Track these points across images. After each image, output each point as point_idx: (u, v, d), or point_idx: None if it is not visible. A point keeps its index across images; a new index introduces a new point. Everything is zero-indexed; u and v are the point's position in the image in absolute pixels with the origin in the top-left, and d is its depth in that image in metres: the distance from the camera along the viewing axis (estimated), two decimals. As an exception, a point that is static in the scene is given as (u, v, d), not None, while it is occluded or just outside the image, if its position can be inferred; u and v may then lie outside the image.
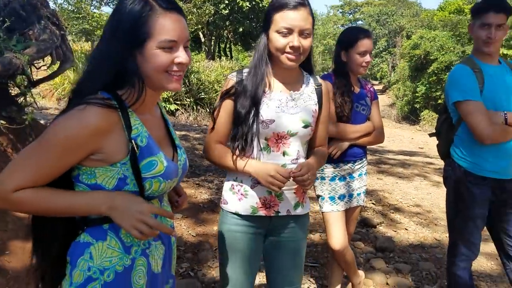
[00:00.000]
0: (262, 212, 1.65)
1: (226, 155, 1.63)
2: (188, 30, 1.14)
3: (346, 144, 2.39)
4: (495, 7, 2.14)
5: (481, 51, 2.21)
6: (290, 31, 1.53)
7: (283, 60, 1.58)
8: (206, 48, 20.61)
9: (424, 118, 22.81)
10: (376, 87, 44.44)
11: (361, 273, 2.71)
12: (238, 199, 1.66)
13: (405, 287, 2.99)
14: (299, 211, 1.71)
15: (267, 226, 1.69)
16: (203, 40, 20.66)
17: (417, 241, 3.95)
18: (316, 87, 1.73)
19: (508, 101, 2.21)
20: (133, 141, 1.07)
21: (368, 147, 2.60)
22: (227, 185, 1.72)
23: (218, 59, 19.73)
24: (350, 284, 2.72)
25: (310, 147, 1.76)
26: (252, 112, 1.59)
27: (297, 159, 1.65)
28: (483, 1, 2.21)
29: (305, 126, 1.65)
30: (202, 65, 16.95)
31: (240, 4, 17.70)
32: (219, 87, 16.30)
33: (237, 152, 1.60)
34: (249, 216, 1.66)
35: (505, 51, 14.35)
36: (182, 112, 13.65)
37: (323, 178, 2.46)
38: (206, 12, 15.15)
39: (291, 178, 1.55)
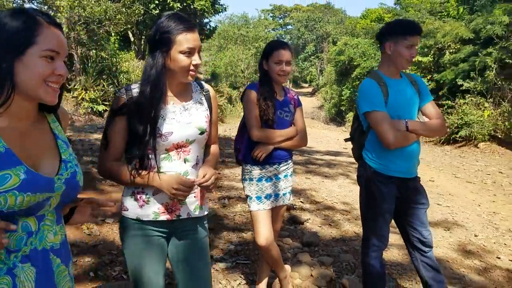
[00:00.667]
0: (164, 217, 1.73)
1: (125, 172, 1.66)
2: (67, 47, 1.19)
3: (270, 147, 2.57)
4: (419, 30, 2.44)
5: (398, 68, 2.49)
6: (192, 51, 1.66)
7: (186, 77, 1.70)
8: (136, 47, 20.10)
9: (349, 120, 23.90)
10: (305, 90, 46.18)
11: (287, 267, 2.92)
12: (139, 206, 1.71)
13: (327, 278, 3.26)
14: (198, 213, 1.82)
15: (169, 229, 1.77)
16: (132, 39, 20.13)
17: (339, 235, 4.29)
18: (204, 93, 1.86)
19: (409, 110, 2.54)
20: None
21: (295, 149, 2.82)
22: (127, 191, 1.75)
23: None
24: (277, 278, 2.92)
25: (205, 146, 1.89)
26: (149, 127, 1.64)
27: (196, 164, 1.77)
28: (409, 23, 2.47)
29: (201, 133, 1.76)
30: (132, 65, 16.53)
31: (171, 4, 17.52)
32: (150, 88, 15.97)
33: (136, 166, 1.65)
34: (150, 221, 1.72)
35: (420, 58, 15.65)
36: (111, 113, 13.23)
37: (251, 179, 2.64)
38: (136, 12, 14.79)
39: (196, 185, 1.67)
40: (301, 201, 5.33)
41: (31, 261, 1.12)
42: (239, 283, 3.12)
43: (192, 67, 1.68)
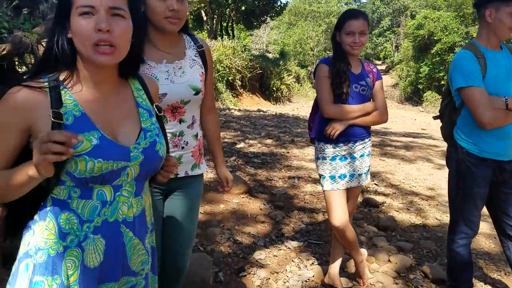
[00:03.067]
0: None
1: None
2: None
3: (344, 124, 2.43)
4: None
5: (498, 37, 2.24)
6: None
7: (165, 25, 1.59)
8: (208, 27, 20.41)
9: (427, 99, 22.72)
10: (379, 67, 43.99)
11: (363, 251, 2.80)
12: None
13: (406, 264, 3.09)
14: (196, 171, 1.81)
15: (166, 187, 1.74)
16: (205, 19, 20.44)
17: (418, 221, 4.05)
18: (198, 49, 1.76)
19: (509, 86, 2.26)
20: (51, 117, 1.02)
21: (372, 128, 2.66)
22: None
23: (220, 38, 19.55)
24: (352, 261, 2.81)
25: (204, 112, 1.87)
26: None
27: (192, 123, 1.75)
28: None
29: (196, 93, 1.70)
30: (204, 45, 16.79)
31: (243, -18, 17.47)
32: (221, 66, 16.22)
33: None
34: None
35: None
36: (184, 92, 13.60)
37: (324, 158, 2.52)
38: (209, -10, 14.96)
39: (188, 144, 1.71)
40: (375, 184, 5.10)
41: (101, 232, 1.10)
42: (312, 263, 3.06)
43: (168, 13, 1.57)
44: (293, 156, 6.12)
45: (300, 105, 18.15)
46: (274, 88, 19.21)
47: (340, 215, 2.49)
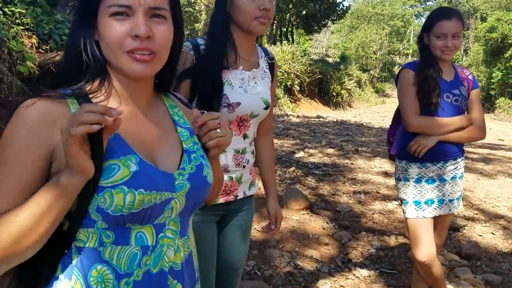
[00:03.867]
0: (222, 199, 1.55)
1: None
2: None
3: (433, 140, 2.07)
4: None
5: None
6: None
7: (255, 26, 1.42)
8: (268, 33, 20.32)
9: (499, 106, 21.29)
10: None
11: (450, 288, 2.39)
12: None
13: (498, 304, 2.62)
14: (252, 191, 1.66)
15: (224, 212, 1.60)
16: (264, 24, 20.37)
17: (506, 248, 3.50)
18: (269, 61, 1.62)
19: None
20: None
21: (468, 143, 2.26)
22: None
23: (279, 43, 19.36)
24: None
25: (260, 126, 1.66)
26: (216, 93, 1.42)
27: (253, 140, 1.60)
28: None
29: (266, 107, 1.56)
30: (263, 50, 16.72)
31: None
32: (280, 72, 16.01)
33: None
34: (208, 206, 1.49)
35: None
36: (242, 97, 13.55)
37: (406, 180, 2.17)
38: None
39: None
40: (453, 202, 4.56)
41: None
42: (384, 296, 2.68)
43: (259, 12, 1.40)
44: (358, 168, 5.69)
45: (362, 111, 17.47)
46: (334, 93, 18.72)
47: (426, 249, 2.12)
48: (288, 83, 16.58)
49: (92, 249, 0.82)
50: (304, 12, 18.65)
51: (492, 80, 22.58)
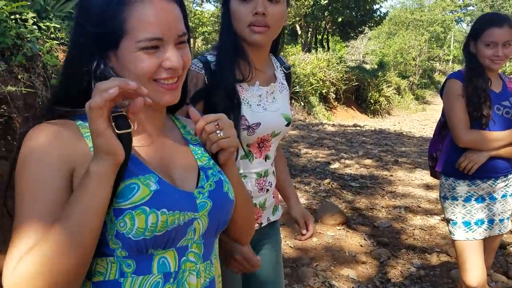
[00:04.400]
0: None
1: None
2: (181, 20, 0.81)
3: (484, 156, 1.91)
4: None
5: None
6: None
7: (249, 35, 1.23)
8: (303, 40, 20.20)
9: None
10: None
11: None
12: None
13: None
14: (277, 215, 1.51)
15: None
16: (299, 32, 20.29)
17: None
18: (285, 71, 1.46)
19: None
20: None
21: None
22: None
23: (314, 51, 19.21)
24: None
25: None
26: (234, 111, 1.24)
27: (274, 160, 1.45)
28: None
29: (288, 124, 1.40)
30: (298, 58, 16.61)
31: (339, -7, 16.97)
32: (314, 80, 15.83)
33: None
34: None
35: None
36: (277, 106, 13.49)
37: (454, 199, 1.99)
38: (305, 3, 14.72)
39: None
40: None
41: None
42: (426, 322, 2.48)
43: (252, 18, 1.21)
44: (397, 180, 5.44)
45: (401, 118, 16.94)
46: (371, 101, 18.33)
47: (477, 273, 1.96)
48: (324, 91, 16.37)
49: (111, 282, 0.75)
50: (340, 19, 18.42)
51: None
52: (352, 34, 22.04)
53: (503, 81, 2.05)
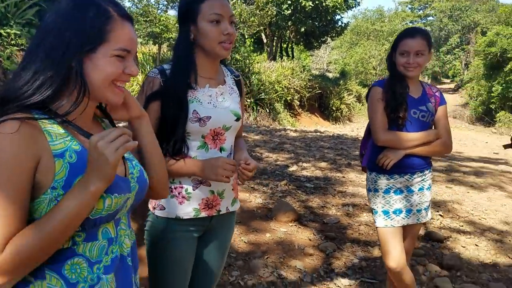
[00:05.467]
0: (204, 213, 1.60)
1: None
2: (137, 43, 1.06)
3: (400, 154, 2.18)
4: None
5: None
6: (221, 19, 1.50)
7: (219, 51, 1.53)
8: (268, 49, 20.61)
9: (500, 120, 21.36)
10: (447, 86, 42.23)
11: (422, 296, 2.47)
12: (178, 203, 1.57)
13: (473, 313, 2.69)
14: (235, 206, 1.72)
15: (206, 227, 1.64)
16: (265, 41, 20.68)
17: (488, 259, 3.58)
18: (235, 78, 1.73)
19: None
20: (56, 159, 0.92)
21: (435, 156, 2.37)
22: None
23: (279, 59, 19.62)
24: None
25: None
26: (183, 111, 1.53)
27: (230, 153, 1.65)
28: None
29: (237, 119, 1.64)
30: (263, 66, 16.96)
31: (303, 3, 17.45)
32: (280, 87, 16.21)
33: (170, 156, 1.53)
34: (190, 220, 1.58)
35: None
36: (242, 112, 13.73)
37: (376, 190, 2.27)
38: (269, 13, 15.10)
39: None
40: (440, 215, 4.63)
41: (112, 270, 1.03)
42: (363, 305, 2.76)
43: (223, 37, 1.51)
44: (349, 181, 5.79)
45: (361, 124, 17.58)
46: (333, 108, 18.90)
47: (396, 256, 2.21)
48: (288, 98, 16.78)
49: (66, 249, 0.96)
50: (302, 29, 18.94)
51: (492, 94, 22.65)
52: (315, 44, 22.65)
53: (423, 88, 2.32)
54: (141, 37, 15.37)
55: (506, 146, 2.33)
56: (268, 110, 14.97)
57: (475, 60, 28.86)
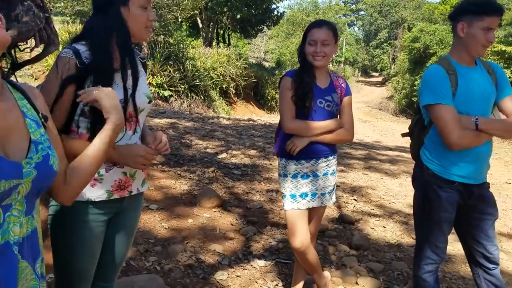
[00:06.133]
0: (116, 195, 1.62)
1: (81, 145, 1.38)
2: None
3: (306, 141, 2.33)
4: (499, 11, 2.06)
5: (471, 54, 2.13)
6: (148, 5, 1.59)
7: (145, 35, 1.63)
8: (204, 34, 20.39)
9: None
10: (376, 79, 44.37)
11: (326, 274, 2.67)
12: (90, 185, 1.56)
13: (374, 287, 2.96)
14: (145, 187, 1.76)
15: (118, 208, 1.66)
16: (201, 26, 20.43)
17: (393, 240, 3.92)
18: (141, 61, 1.76)
19: (482, 105, 2.16)
20: None
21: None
22: None
23: (216, 46, 19.51)
24: (315, 285, 2.68)
25: None
26: None
27: (142, 135, 1.71)
28: (487, 2, 2.08)
29: (149, 102, 1.70)
30: (198, 52, 16.79)
31: (238, -11, 17.47)
32: (215, 74, 16.18)
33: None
34: (102, 202, 1.59)
35: (504, 47, 14.23)
36: (175, 98, 13.55)
37: (285, 175, 2.41)
38: (203, -3, 14.93)
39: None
40: (354, 199, 4.98)
41: None
42: (276, 284, 2.93)
43: (148, 22, 1.61)
44: (275, 168, 5.98)
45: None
46: (269, 97, 19.22)
47: (300, 237, 2.37)
48: (224, 86, 16.80)
49: None
50: (238, 16, 18.96)
51: (415, 87, 24.11)
52: (252, 32, 22.79)
53: (331, 79, 2.46)
54: (68, 15, 14.55)
55: (403, 135, 2.56)
56: (203, 98, 14.90)
57: (401, 54, 30.58)
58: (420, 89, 2.22)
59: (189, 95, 14.09)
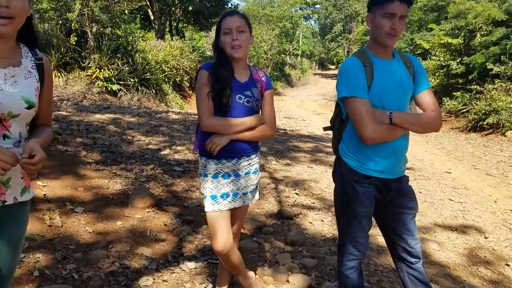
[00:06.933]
0: None
1: None
2: None
3: (226, 139, 2.21)
4: None
5: (381, 44, 2.09)
6: None
7: None
8: (156, 27, 19.85)
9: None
10: (332, 72, 45.16)
11: (251, 274, 2.59)
12: None
13: (305, 285, 2.92)
14: (26, 196, 1.61)
15: None
16: (152, 18, 19.87)
17: (330, 234, 3.91)
18: (36, 62, 1.61)
19: (398, 99, 2.13)
20: None
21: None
22: None
23: (170, 38, 19.05)
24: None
25: (33, 126, 1.66)
26: None
27: (19, 141, 1.54)
28: None
29: (29, 107, 1.52)
30: (150, 44, 16.30)
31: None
32: (167, 67, 15.79)
33: None
34: None
35: (450, 40, 14.76)
36: (125, 92, 13.09)
37: (205, 175, 2.29)
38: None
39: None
40: (296, 193, 4.95)
41: None
42: (205, 287, 2.82)
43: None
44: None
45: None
46: (223, 91, 18.98)
47: (222, 239, 2.26)
48: (177, 79, 16.44)
49: None
50: (190, 8, 18.59)
51: (367, 80, 24.81)
52: (206, 24, 22.44)
53: (251, 72, 2.34)
54: None
55: (325, 128, 2.51)
56: (154, 91, 14.49)
57: (354, 48, 31.22)
58: (337, 82, 2.17)
59: (139, 89, 13.65)
